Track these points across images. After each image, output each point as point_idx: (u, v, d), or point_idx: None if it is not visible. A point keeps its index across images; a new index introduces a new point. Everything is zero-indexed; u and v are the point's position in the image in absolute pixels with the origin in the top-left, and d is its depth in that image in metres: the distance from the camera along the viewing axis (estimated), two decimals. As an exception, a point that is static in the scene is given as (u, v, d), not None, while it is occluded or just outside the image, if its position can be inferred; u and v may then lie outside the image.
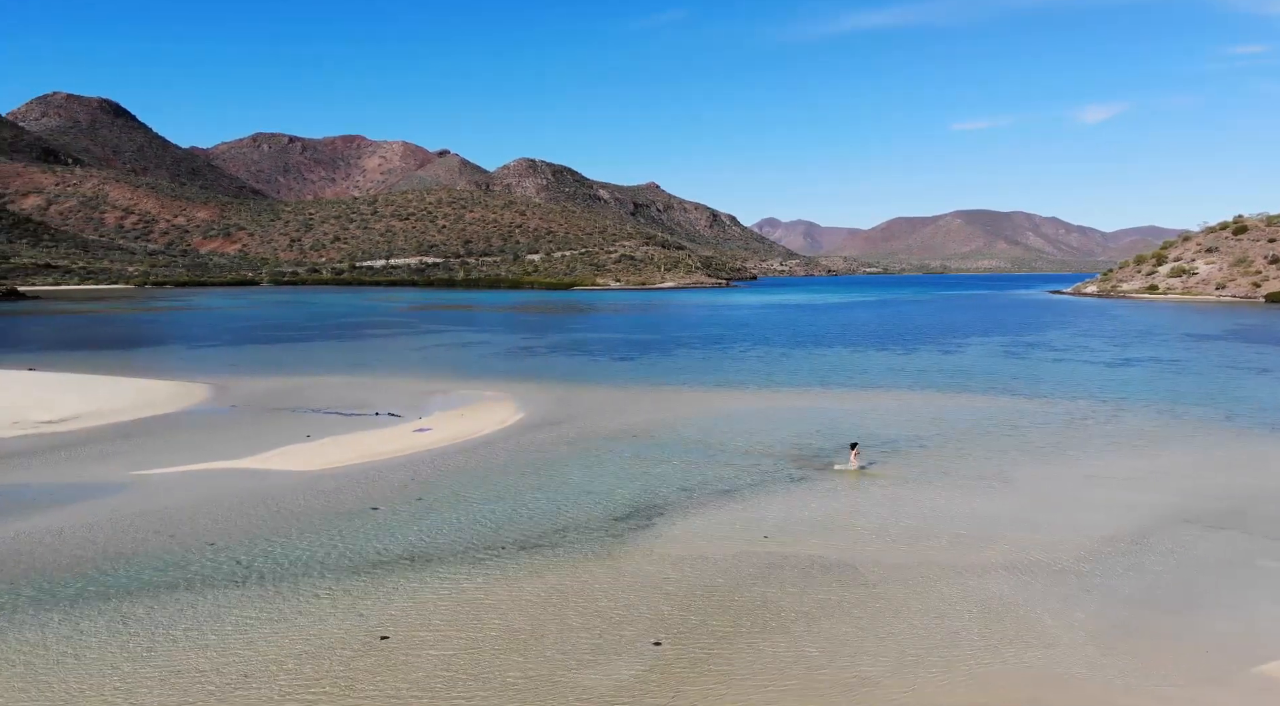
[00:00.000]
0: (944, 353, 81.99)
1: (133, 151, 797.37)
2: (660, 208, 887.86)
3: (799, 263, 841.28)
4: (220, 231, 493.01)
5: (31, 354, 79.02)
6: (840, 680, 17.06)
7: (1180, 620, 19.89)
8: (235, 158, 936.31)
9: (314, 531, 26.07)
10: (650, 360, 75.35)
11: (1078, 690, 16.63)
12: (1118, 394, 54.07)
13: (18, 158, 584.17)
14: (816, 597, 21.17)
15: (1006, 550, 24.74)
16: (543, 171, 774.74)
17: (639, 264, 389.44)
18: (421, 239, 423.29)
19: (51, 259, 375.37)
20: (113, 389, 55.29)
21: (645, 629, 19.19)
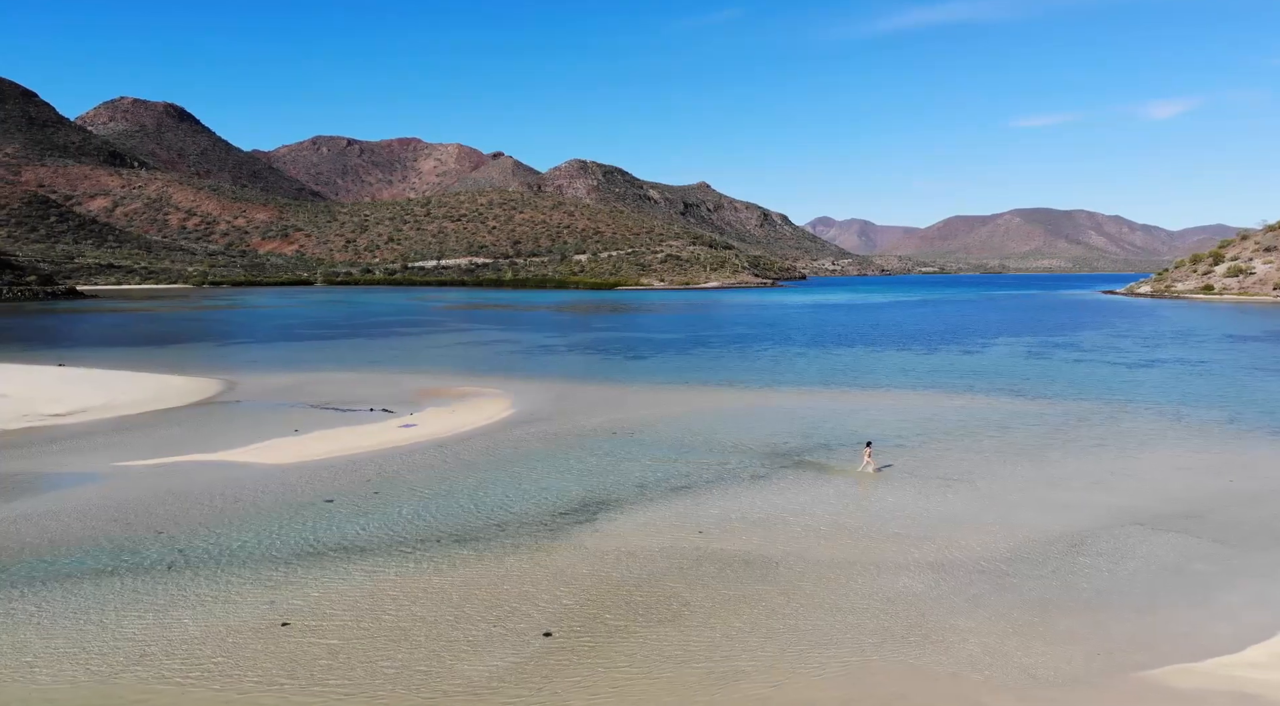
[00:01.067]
0: (964, 353, 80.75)
1: (197, 155, 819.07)
2: (710, 207, 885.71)
3: (851, 262, 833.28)
4: (278, 233, 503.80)
5: (70, 350, 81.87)
6: (713, 673, 17.15)
7: (1084, 621, 19.57)
8: (295, 160, 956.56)
9: (261, 522, 26.78)
10: (663, 359, 75.48)
11: (947, 687, 16.52)
12: (1125, 396, 52.84)
13: (86, 161, 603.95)
14: (724, 592, 21.25)
15: (938, 549, 24.52)
16: (593, 172, 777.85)
17: (685, 264, 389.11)
18: (472, 240, 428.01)
19: (115, 259, 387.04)
20: (130, 384, 57.14)
21: (540, 620, 19.45)
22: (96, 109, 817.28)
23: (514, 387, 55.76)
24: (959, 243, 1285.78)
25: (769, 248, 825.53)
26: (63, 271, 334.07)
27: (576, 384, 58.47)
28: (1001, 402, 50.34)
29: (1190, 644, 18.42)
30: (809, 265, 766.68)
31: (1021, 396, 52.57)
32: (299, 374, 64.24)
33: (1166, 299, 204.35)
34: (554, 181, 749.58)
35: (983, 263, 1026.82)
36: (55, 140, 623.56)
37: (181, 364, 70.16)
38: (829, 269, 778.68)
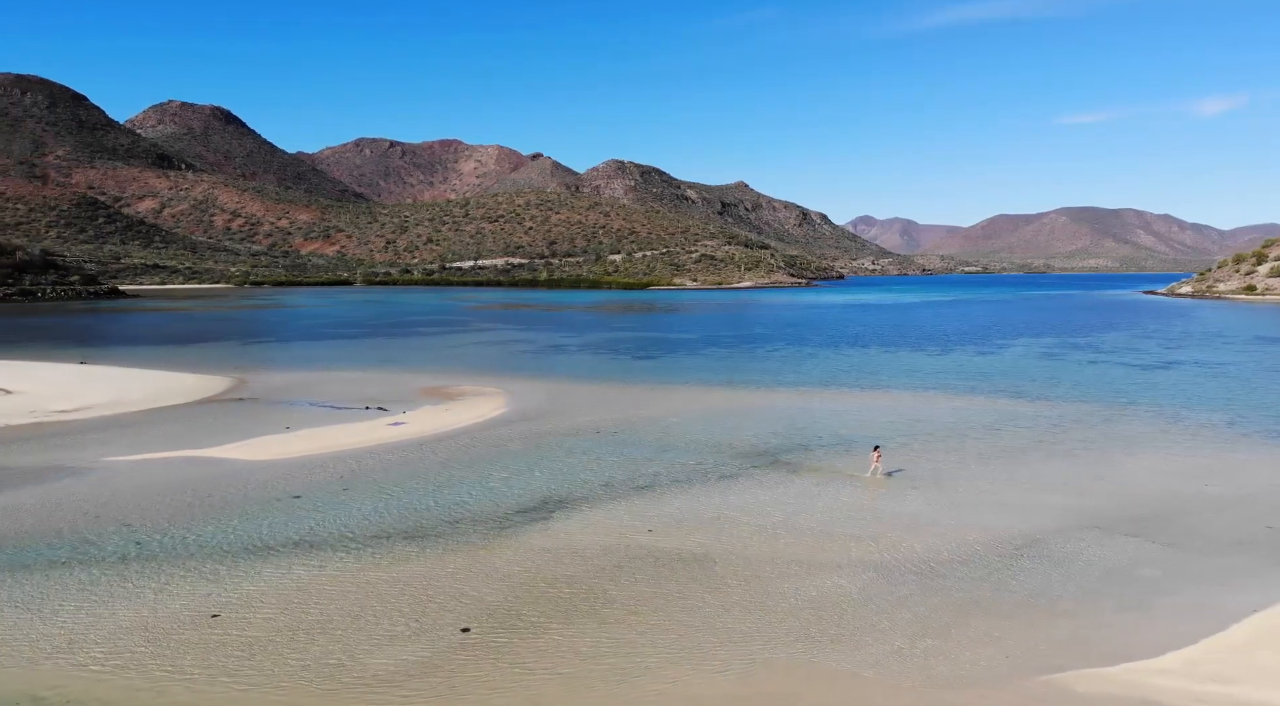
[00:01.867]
0: (978, 354, 79.81)
1: (242, 157, 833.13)
2: (748, 207, 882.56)
3: (892, 261, 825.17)
4: (320, 233, 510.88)
5: (96, 348, 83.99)
6: (616, 668, 17.34)
7: (1006, 624, 19.44)
8: (339, 162, 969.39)
9: (224, 517, 27.41)
10: (670, 359, 75.60)
11: (842, 688, 16.56)
12: (1129, 398, 51.97)
13: (134, 163, 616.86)
14: (651, 590, 21.40)
15: (883, 549, 24.46)
16: (630, 172, 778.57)
17: (719, 264, 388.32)
18: (509, 240, 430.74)
19: (160, 259, 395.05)
20: (143, 381, 58.56)
21: (462, 616, 19.76)
22: (145, 112, 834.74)
23: (514, 387, 56.25)
24: (1003, 242, 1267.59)
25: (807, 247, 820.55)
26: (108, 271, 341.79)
27: (576, 383, 58.83)
28: (999, 404, 49.80)
29: (1108, 648, 18.22)
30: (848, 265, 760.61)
31: (1022, 398, 51.93)
32: (310, 372, 65.37)
33: (1207, 299, 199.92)
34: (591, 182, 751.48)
35: (1027, 262, 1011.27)
36: (105, 143, 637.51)
37: (199, 362, 71.67)
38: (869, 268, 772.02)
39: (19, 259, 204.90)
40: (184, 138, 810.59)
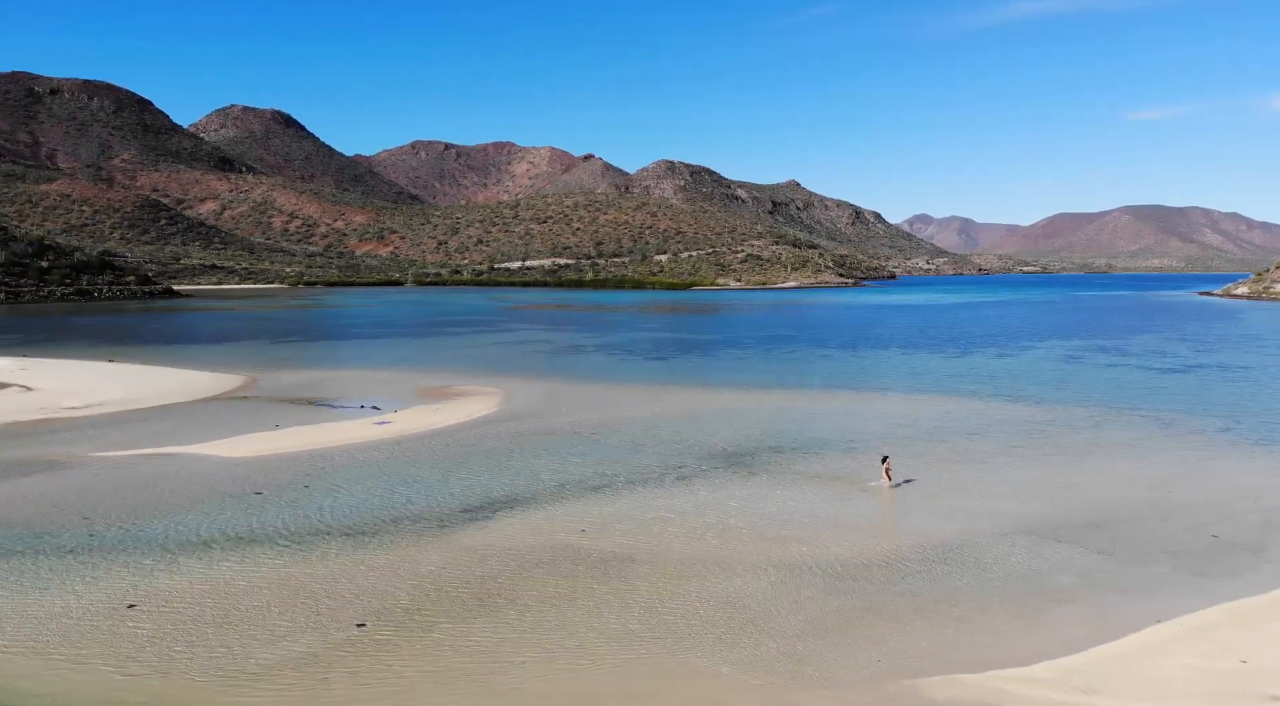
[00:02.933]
0: (996, 356, 78.62)
1: (301, 159, 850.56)
2: (800, 206, 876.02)
3: (947, 261, 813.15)
4: (374, 235, 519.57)
5: (129, 346, 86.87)
6: (490, 664, 17.73)
7: (896, 627, 19.44)
8: (395, 164, 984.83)
9: (181, 512, 28.38)
10: (681, 360, 75.85)
11: (701, 686, 16.77)
12: (1130, 402, 50.92)
13: (197, 166, 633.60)
14: (559, 588, 21.77)
15: (807, 551, 24.53)
16: (680, 172, 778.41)
17: (765, 263, 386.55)
18: (556, 241, 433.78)
19: (219, 260, 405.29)
20: (159, 379, 60.54)
21: (361, 612, 20.31)
22: (208, 116, 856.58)
23: (513, 387, 57.01)
24: (1064, 241, 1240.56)
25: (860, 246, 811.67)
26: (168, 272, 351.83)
27: (576, 383, 59.41)
28: (992, 408, 49.18)
29: (987, 655, 18.15)
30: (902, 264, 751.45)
31: (1020, 401, 51.19)
32: (322, 371, 66.95)
33: (1264, 301, 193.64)
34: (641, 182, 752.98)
35: (1089, 262, 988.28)
36: (169, 146, 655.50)
37: (220, 361, 73.74)
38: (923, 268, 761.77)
39: (77, 260, 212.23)
40: (245, 141, 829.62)
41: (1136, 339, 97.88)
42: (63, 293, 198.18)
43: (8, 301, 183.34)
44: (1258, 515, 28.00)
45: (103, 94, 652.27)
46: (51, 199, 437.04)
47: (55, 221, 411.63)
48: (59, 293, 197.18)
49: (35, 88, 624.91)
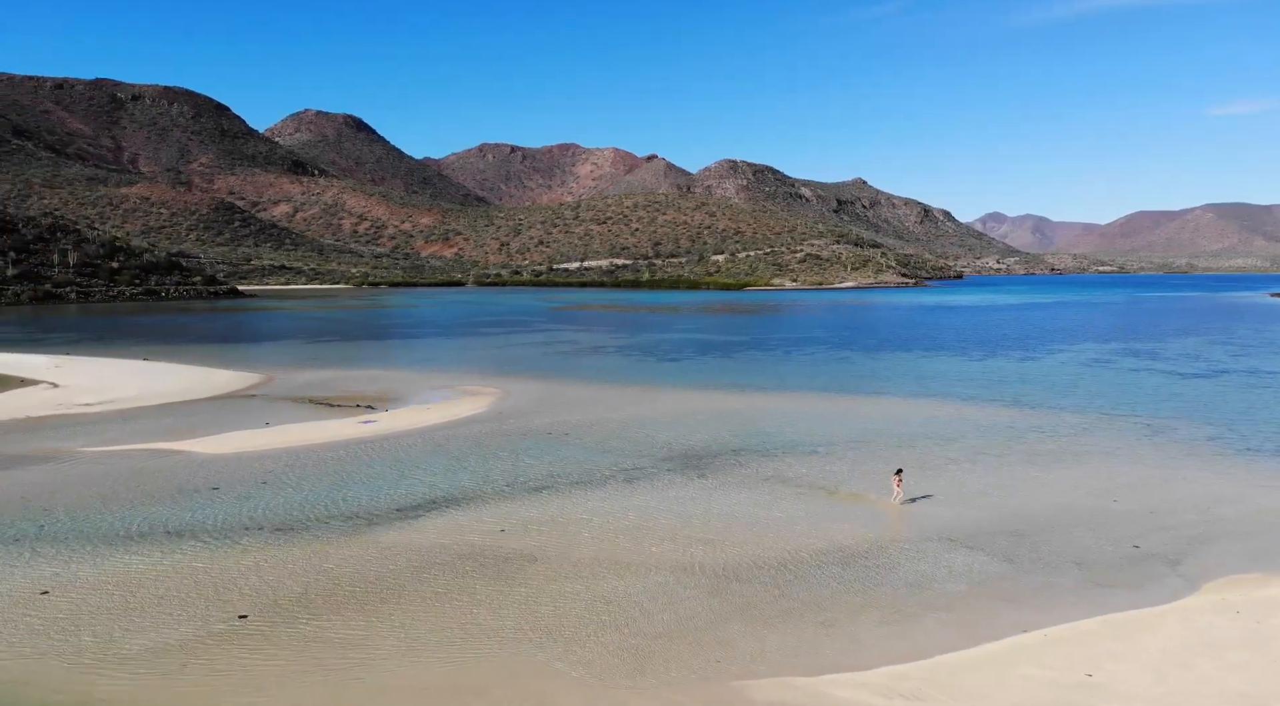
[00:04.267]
0: (1019, 360, 77.00)
1: (372, 163, 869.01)
2: (866, 204, 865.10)
3: (1018, 261, 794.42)
4: (440, 236, 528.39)
5: (170, 345, 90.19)
6: (349, 657, 18.42)
7: (755, 629, 19.63)
8: (463, 167, 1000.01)
9: (134, 504, 29.71)
10: (695, 361, 75.96)
11: (535, 684, 17.20)
12: (1132, 408, 49.68)
13: (271, 169, 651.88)
14: (449, 586, 22.36)
15: (710, 552, 24.78)
16: (743, 172, 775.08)
17: (824, 263, 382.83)
18: (615, 241, 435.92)
19: (288, 261, 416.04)
20: (181, 377, 62.92)
21: (250, 605, 21.18)
22: (283, 121, 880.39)
23: (514, 387, 57.91)
24: (1142, 240, 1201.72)
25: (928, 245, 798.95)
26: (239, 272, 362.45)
27: (576, 384, 60.05)
28: (983, 412, 48.43)
29: (833, 658, 18.26)
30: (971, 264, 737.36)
31: (1016, 406, 50.29)
32: (338, 371, 68.77)
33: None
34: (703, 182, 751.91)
35: (1168, 262, 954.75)
36: (245, 151, 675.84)
37: (250, 359, 76.26)
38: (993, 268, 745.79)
39: (145, 261, 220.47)
40: (318, 145, 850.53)
41: (1177, 342, 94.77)
42: (131, 292, 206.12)
43: (79, 300, 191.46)
44: (1197, 527, 27.31)
45: (182, 100, 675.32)
46: (131, 201, 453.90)
47: (134, 223, 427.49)
48: (128, 292, 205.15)
49: (118, 94, 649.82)
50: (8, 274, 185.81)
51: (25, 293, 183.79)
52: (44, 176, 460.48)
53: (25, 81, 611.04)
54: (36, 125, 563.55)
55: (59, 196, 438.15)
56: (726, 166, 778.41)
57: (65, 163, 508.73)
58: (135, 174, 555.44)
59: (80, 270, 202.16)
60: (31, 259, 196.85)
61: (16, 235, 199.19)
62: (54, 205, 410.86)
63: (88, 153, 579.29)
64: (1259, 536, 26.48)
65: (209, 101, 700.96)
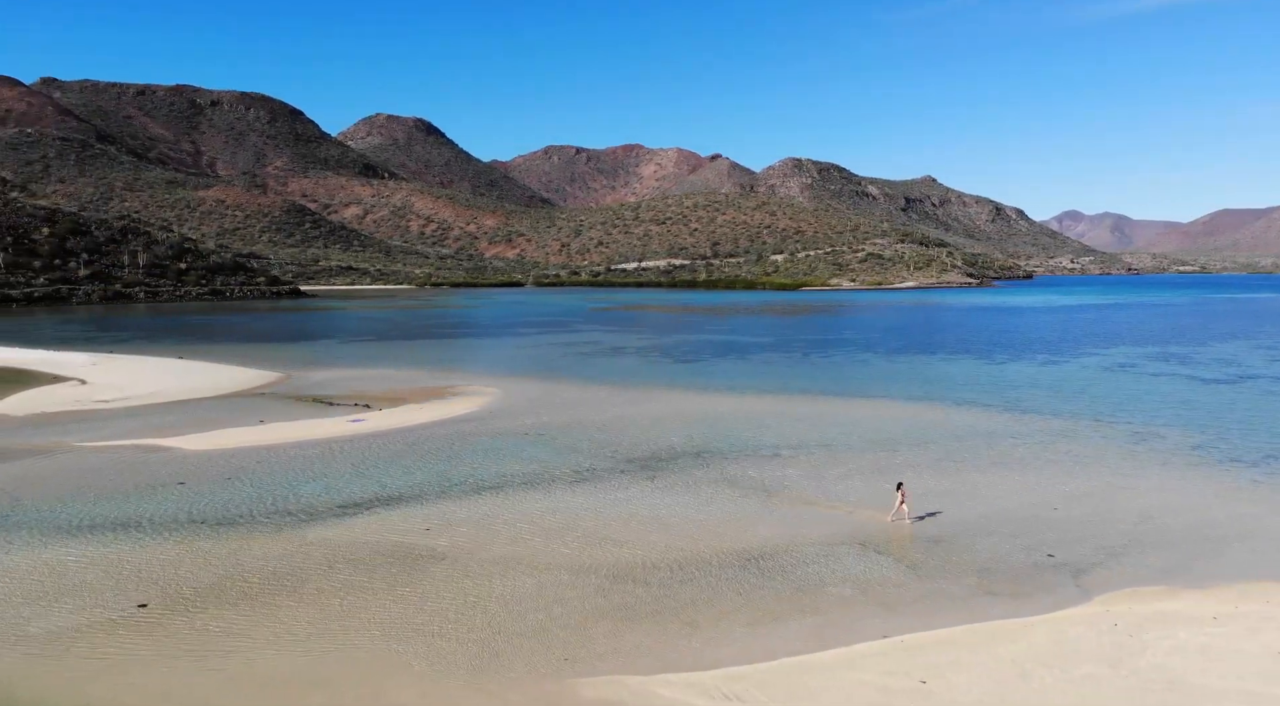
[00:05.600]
0: (1042, 364, 75.37)
1: (441, 166, 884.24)
2: (935, 202, 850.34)
3: (1093, 260, 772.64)
4: (503, 237, 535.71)
5: (210, 344, 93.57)
6: (225, 646, 19.24)
7: (619, 628, 19.99)
8: (529, 169, 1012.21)
9: (94, 497, 31.18)
10: (708, 363, 76.10)
11: (374, 678, 17.83)
12: (1128, 414, 48.43)
13: (343, 172, 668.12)
14: (348, 581, 23.12)
15: (613, 553, 25.17)
16: (808, 170, 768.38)
17: (886, 263, 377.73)
18: (674, 241, 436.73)
19: (355, 262, 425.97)
20: (201, 376, 65.37)
21: (152, 594, 22.23)
22: (355, 125, 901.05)
23: (514, 387, 58.91)
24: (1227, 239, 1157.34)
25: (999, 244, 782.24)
26: (307, 273, 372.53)
27: (576, 385, 60.79)
28: (971, 416, 47.75)
29: (679, 658, 18.56)
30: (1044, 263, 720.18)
31: (1008, 411, 49.39)
32: (356, 370, 70.68)
33: None
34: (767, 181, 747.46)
35: (1252, 261, 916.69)
36: (318, 154, 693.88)
37: (275, 358, 78.73)
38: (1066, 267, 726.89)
39: (212, 262, 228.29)
40: (389, 148, 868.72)
41: (1217, 346, 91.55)
42: (197, 292, 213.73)
43: (147, 300, 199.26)
44: (1126, 537, 26.78)
45: (258, 105, 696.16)
46: (208, 204, 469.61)
47: (210, 225, 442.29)
48: (194, 292, 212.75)
49: (197, 100, 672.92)
50: (80, 274, 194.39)
51: (96, 292, 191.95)
52: (126, 180, 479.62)
53: (109, 88, 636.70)
54: (120, 130, 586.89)
55: (139, 199, 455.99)
56: (790, 165, 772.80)
57: (146, 167, 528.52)
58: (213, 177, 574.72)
59: (149, 271, 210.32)
60: (103, 260, 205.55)
61: (89, 237, 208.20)
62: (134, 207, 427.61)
63: (168, 157, 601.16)
64: (1187, 548, 25.88)
65: (284, 106, 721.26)
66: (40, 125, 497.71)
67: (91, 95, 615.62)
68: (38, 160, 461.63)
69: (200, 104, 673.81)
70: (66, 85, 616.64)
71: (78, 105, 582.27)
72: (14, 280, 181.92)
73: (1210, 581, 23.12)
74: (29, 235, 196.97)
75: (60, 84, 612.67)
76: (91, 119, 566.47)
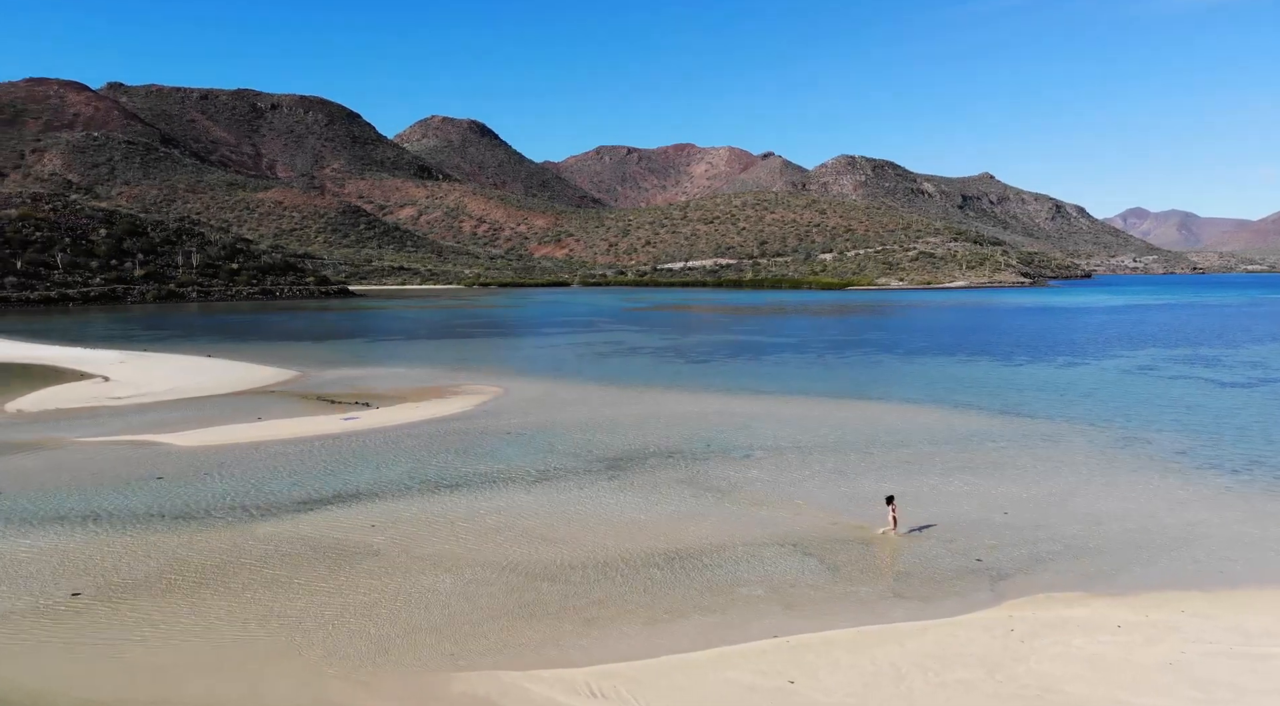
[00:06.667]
0: (1058, 366, 73.93)
1: (494, 167, 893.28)
2: (993, 200, 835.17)
3: (1156, 259, 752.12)
4: (552, 238, 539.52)
5: (244, 343, 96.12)
6: (127, 635, 20.06)
7: (516, 625, 20.34)
8: (581, 170, 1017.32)
9: (68, 491, 32.34)
10: (719, 363, 76.10)
11: (260, 666, 18.46)
12: (1125, 418, 47.43)
13: (398, 174, 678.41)
14: (272, 575, 23.78)
15: (541, 551, 25.49)
16: (861, 167, 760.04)
17: (938, 261, 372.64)
18: (721, 241, 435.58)
19: (407, 262, 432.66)
20: (222, 374, 67.22)
21: (88, 584, 23.18)
22: (411, 128, 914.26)
23: (515, 386, 59.64)
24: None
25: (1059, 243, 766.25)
26: (359, 273, 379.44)
27: (578, 385, 61.28)
28: (959, 419, 47.17)
29: (557, 654, 18.85)
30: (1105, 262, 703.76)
31: (1000, 414, 48.64)
32: (370, 368, 72.13)
33: None
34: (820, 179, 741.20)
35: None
36: (374, 156, 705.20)
37: (296, 357, 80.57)
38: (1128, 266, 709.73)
39: (263, 262, 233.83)
40: (443, 150, 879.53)
41: (1253, 349, 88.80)
42: (248, 292, 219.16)
43: (199, 299, 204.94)
44: (1062, 542, 26.40)
45: (316, 108, 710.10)
46: (266, 206, 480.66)
47: (268, 226, 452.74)
48: (244, 292, 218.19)
49: (258, 103, 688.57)
50: (135, 274, 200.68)
51: (150, 292, 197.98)
52: (188, 182, 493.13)
53: (173, 93, 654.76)
54: (183, 133, 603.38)
55: (200, 200, 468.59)
56: (844, 162, 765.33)
57: (208, 169, 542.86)
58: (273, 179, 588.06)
59: (202, 271, 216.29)
60: (158, 260, 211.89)
61: (145, 238, 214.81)
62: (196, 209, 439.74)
63: (230, 159, 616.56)
64: (1124, 554, 25.45)
65: (342, 109, 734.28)
66: (107, 129, 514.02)
67: (156, 99, 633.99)
68: (104, 163, 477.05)
69: (260, 107, 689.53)
70: (133, 90, 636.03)
71: (143, 109, 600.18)
72: (72, 280, 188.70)
73: (1132, 589, 22.77)
74: (87, 236, 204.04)
75: (127, 89, 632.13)
76: (156, 123, 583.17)
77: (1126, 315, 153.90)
